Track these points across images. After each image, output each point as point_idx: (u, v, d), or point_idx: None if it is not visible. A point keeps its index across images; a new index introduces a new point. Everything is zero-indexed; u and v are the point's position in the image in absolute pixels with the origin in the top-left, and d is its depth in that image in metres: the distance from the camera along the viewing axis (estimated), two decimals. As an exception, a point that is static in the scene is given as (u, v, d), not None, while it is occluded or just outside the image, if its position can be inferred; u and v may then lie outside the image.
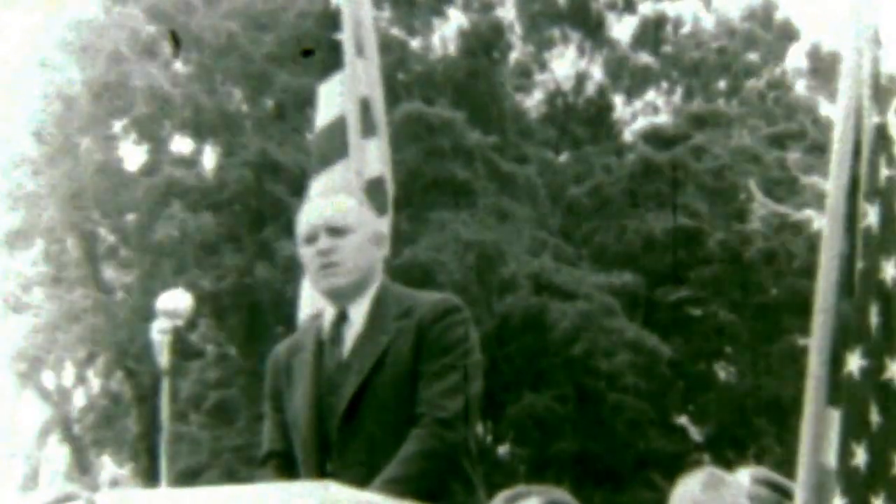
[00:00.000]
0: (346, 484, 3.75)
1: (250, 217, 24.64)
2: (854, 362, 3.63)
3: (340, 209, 4.04)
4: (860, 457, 3.58)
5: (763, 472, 4.47)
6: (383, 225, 4.25)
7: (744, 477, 4.40)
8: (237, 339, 24.98)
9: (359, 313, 4.00)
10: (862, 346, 3.64)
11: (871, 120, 3.77)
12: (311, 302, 5.44)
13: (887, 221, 3.71)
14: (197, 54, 25.04)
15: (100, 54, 23.52)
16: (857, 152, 3.77)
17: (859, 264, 3.70)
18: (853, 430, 3.60)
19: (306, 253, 4.03)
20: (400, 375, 3.90)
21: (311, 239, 4.01)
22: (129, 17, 24.04)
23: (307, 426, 3.94)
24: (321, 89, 5.76)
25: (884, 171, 3.72)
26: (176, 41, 23.30)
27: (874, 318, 3.65)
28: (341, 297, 4.01)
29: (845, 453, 3.59)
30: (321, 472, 3.90)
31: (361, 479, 3.80)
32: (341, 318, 4.02)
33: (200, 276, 23.02)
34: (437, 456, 3.83)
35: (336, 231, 3.99)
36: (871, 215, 3.70)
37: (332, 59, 5.73)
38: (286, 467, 4.01)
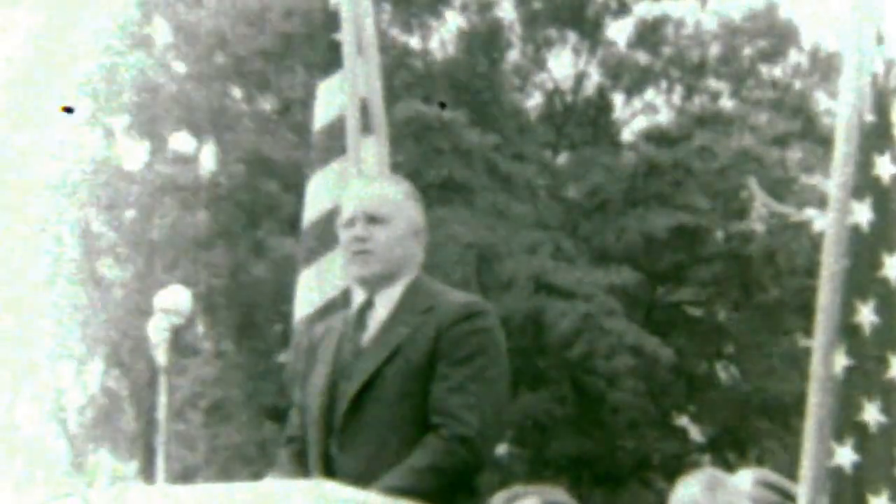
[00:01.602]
0: (345, 470, 3.74)
1: (245, 214, 24.64)
2: (839, 362, 3.60)
3: (381, 198, 4.03)
4: (844, 457, 3.55)
5: (765, 473, 4.45)
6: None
7: (745, 479, 4.38)
8: (234, 337, 24.97)
9: (386, 303, 3.99)
10: (846, 345, 3.61)
11: (867, 118, 3.74)
12: (306, 300, 5.44)
13: (888, 219, 3.68)
14: (190, 50, 25.04)
15: (94, 47, 23.56)
16: (860, 152, 3.75)
17: (845, 262, 3.67)
18: (836, 430, 3.57)
19: (343, 237, 4.03)
20: (411, 370, 3.87)
21: (350, 224, 4.01)
22: (120, 11, 24.07)
23: (318, 409, 3.94)
24: (320, 88, 5.77)
25: (888, 169, 3.70)
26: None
27: (870, 315, 3.62)
28: (370, 285, 4.01)
29: (827, 453, 3.57)
30: (325, 457, 3.90)
31: (361, 467, 3.79)
32: (368, 305, 4.01)
33: (195, 274, 23.01)
34: (451, 473, 3.79)
35: (373, 219, 3.99)
36: (859, 213, 3.67)
37: (331, 59, 5.73)
38: (302, 453, 4.00)
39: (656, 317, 26.63)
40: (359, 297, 4.10)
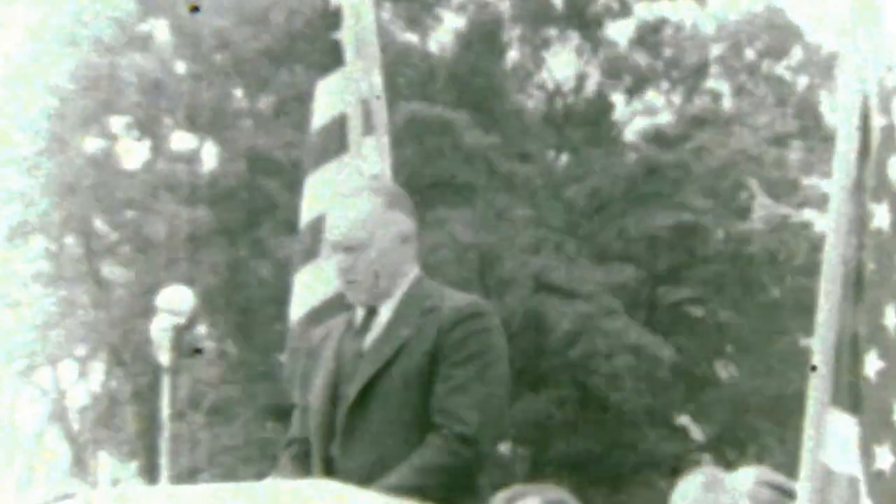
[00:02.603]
0: (346, 471, 3.75)
1: (245, 213, 24.64)
2: (870, 365, 3.60)
3: (351, 226, 4.00)
4: (884, 460, 3.54)
5: (766, 472, 4.45)
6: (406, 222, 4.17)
7: (746, 477, 4.39)
8: (235, 337, 24.99)
9: (388, 309, 4.00)
10: (877, 348, 3.61)
11: (879, 120, 3.74)
12: (302, 301, 5.45)
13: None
14: (192, 49, 25.04)
15: (91, 44, 23.54)
16: (864, 153, 3.74)
17: (870, 266, 3.66)
18: (874, 433, 3.57)
19: (334, 260, 4.05)
20: (413, 371, 3.88)
21: (334, 250, 4.02)
22: (118, 8, 24.06)
23: (320, 411, 3.96)
24: (319, 87, 5.76)
25: (893, 173, 3.69)
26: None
27: (891, 319, 3.61)
28: (369, 303, 4.01)
29: (867, 458, 3.56)
30: (327, 459, 3.91)
31: (362, 468, 3.80)
32: (371, 311, 4.02)
33: (196, 273, 23.01)
34: (452, 472, 3.80)
35: (351, 248, 3.98)
36: (881, 216, 3.67)
37: (330, 58, 5.72)
38: (304, 455, 4.01)
39: (657, 316, 26.64)
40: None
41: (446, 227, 23.81)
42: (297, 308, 5.52)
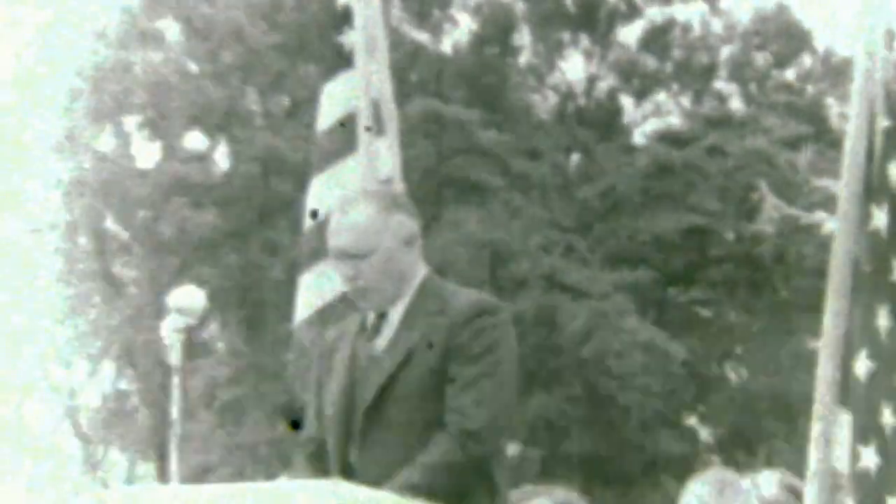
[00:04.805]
0: (366, 476, 3.76)
1: (257, 213, 24.65)
2: (861, 365, 3.62)
3: (354, 233, 3.99)
4: (869, 459, 3.56)
5: (788, 477, 4.46)
6: (411, 223, 4.17)
7: (769, 481, 4.40)
8: (246, 337, 24.99)
9: (397, 310, 4.00)
10: (868, 349, 3.63)
11: (882, 123, 3.75)
12: (306, 303, 5.46)
13: (897, 224, 3.69)
14: (202, 47, 25.01)
15: (102, 42, 23.55)
16: (870, 155, 3.75)
17: (867, 266, 3.68)
18: (861, 432, 3.59)
19: (337, 269, 4.05)
20: (426, 372, 3.87)
21: (338, 259, 4.02)
22: (130, 7, 24.07)
23: (336, 415, 3.95)
24: (326, 88, 5.76)
25: (894, 174, 3.70)
26: None
27: (883, 320, 3.63)
28: (379, 309, 4.02)
29: (853, 456, 3.58)
30: (345, 462, 3.92)
31: (381, 471, 3.79)
32: (382, 314, 4.03)
33: (207, 273, 23.01)
34: (462, 469, 3.80)
35: (356, 256, 3.98)
36: (878, 218, 3.68)
37: (336, 60, 5.73)
38: (319, 455, 4.02)
39: (667, 317, 26.62)
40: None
41: (460, 225, 23.82)
42: (302, 309, 5.53)
